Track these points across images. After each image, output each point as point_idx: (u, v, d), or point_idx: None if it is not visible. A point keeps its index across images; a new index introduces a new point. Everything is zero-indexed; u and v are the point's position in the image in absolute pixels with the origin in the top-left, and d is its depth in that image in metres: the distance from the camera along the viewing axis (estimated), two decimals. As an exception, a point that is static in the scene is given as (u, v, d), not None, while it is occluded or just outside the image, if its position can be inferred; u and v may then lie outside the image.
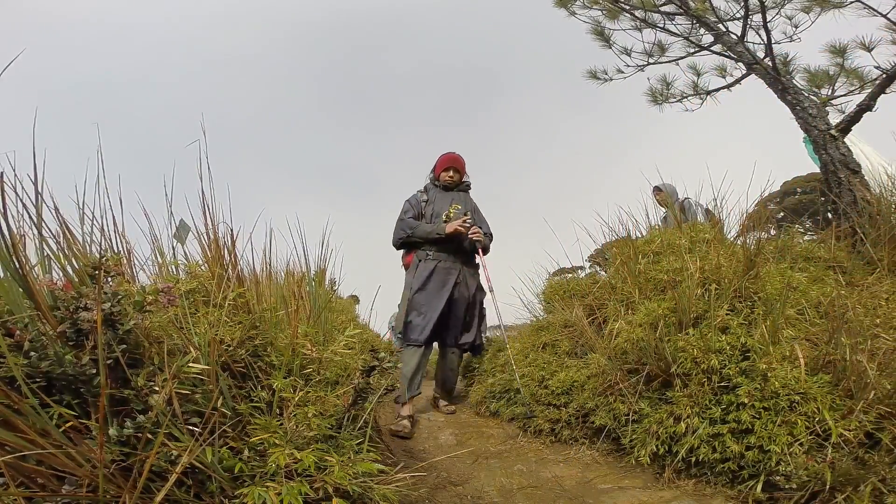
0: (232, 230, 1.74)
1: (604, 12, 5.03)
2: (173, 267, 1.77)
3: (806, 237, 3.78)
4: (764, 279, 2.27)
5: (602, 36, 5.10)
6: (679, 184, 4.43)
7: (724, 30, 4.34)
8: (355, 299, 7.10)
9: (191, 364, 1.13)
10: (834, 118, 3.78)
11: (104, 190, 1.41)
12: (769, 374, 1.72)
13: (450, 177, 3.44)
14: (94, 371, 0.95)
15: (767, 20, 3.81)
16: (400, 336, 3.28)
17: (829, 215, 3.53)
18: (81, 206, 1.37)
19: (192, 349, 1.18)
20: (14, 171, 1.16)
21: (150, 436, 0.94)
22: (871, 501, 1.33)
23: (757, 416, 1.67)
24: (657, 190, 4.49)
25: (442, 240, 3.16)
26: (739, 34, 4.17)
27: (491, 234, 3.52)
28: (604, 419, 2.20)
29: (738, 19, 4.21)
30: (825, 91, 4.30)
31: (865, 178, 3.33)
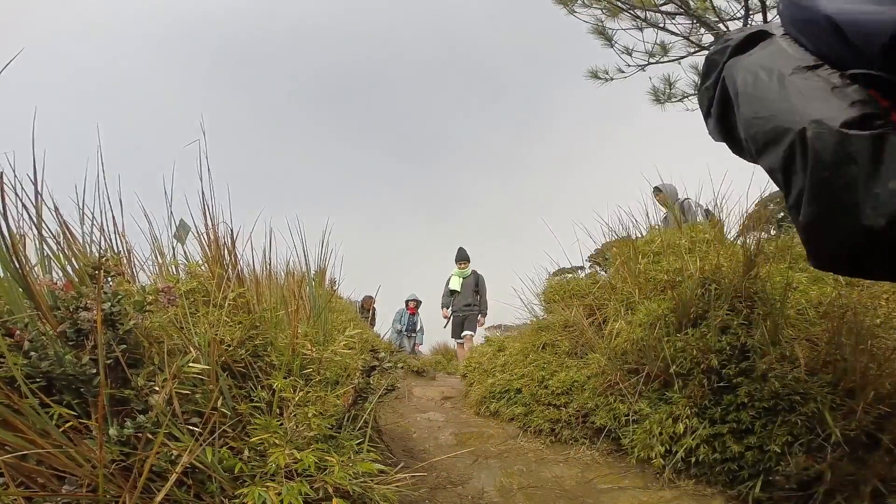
0: (232, 230, 1.74)
1: (604, 11, 5.03)
2: (173, 267, 1.77)
3: (806, 237, 3.77)
4: (764, 279, 2.27)
5: (603, 35, 5.11)
6: (679, 184, 4.43)
7: (725, 29, 4.34)
8: (370, 300, 7.17)
9: (191, 364, 1.13)
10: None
11: (104, 190, 1.41)
12: (769, 374, 1.72)
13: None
14: (94, 371, 0.95)
15: (768, 20, 3.81)
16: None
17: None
18: (81, 206, 1.37)
19: (192, 349, 1.18)
20: (14, 171, 1.16)
21: (150, 436, 0.94)
22: (871, 501, 1.33)
23: (757, 416, 1.67)
24: (657, 190, 4.48)
25: None
26: (740, 34, 4.16)
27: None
28: (604, 419, 2.20)
29: (739, 19, 4.21)
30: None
31: None
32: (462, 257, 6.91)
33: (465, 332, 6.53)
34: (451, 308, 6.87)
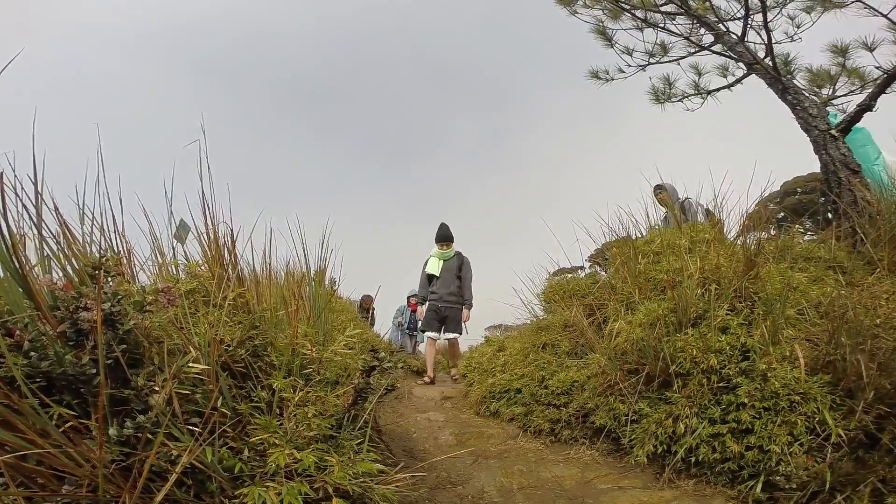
0: (232, 230, 1.74)
1: (605, 12, 5.03)
2: (173, 267, 1.77)
3: (806, 237, 3.78)
4: (764, 279, 2.27)
5: (604, 35, 5.10)
6: (679, 184, 4.43)
7: (725, 30, 4.34)
8: (370, 299, 7.12)
9: (191, 364, 1.13)
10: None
11: (104, 190, 1.41)
12: (769, 374, 1.72)
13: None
14: (94, 371, 0.95)
15: (768, 20, 3.80)
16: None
17: (829, 215, 3.53)
18: (81, 206, 1.37)
19: (192, 349, 1.18)
20: (14, 171, 1.16)
21: (150, 436, 0.94)
22: (871, 501, 1.33)
23: (757, 416, 1.67)
24: (659, 189, 4.48)
25: None
26: (740, 34, 4.16)
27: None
28: (604, 419, 2.20)
29: (739, 19, 4.21)
30: (826, 91, 4.30)
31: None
32: (444, 237, 5.20)
33: (447, 335, 5.15)
34: (428, 300, 5.23)
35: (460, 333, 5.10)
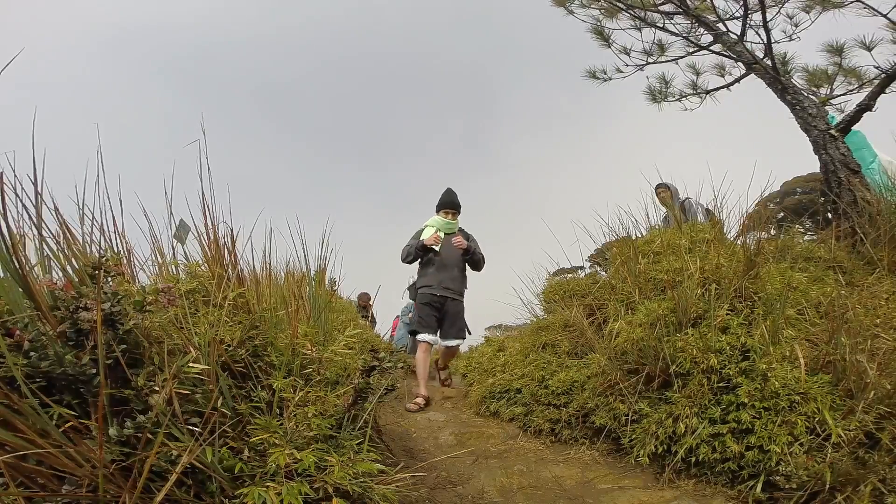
0: (232, 230, 1.74)
1: (602, 11, 5.03)
2: (173, 267, 1.77)
3: (806, 237, 3.79)
4: (764, 279, 2.27)
5: (601, 35, 5.10)
6: (678, 184, 4.43)
7: (724, 29, 4.34)
8: (367, 296, 7.08)
9: (191, 364, 1.13)
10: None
11: (104, 190, 1.41)
12: (769, 374, 1.72)
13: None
14: (94, 371, 0.95)
15: (767, 19, 3.81)
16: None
17: (829, 215, 3.53)
18: (81, 206, 1.37)
19: (192, 349, 1.18)
20: (14, 171, 1.16)
21: (150, 436, 0.94)
22: (871, 501, 1.33)
23: (757, 416, 1.67)
24: (663, 187, 4.48)
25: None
26: (739, 33, 4.17)
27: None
28: (604, 419, 2.20)
29: (738, 18, 4.21)
30: (824, 90, 4.31)
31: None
32: (451, 203, 3.86)
33: (448, 342, 3.80)
34: (422, 288, 3.84)
35: (464, 339, 3.81)
